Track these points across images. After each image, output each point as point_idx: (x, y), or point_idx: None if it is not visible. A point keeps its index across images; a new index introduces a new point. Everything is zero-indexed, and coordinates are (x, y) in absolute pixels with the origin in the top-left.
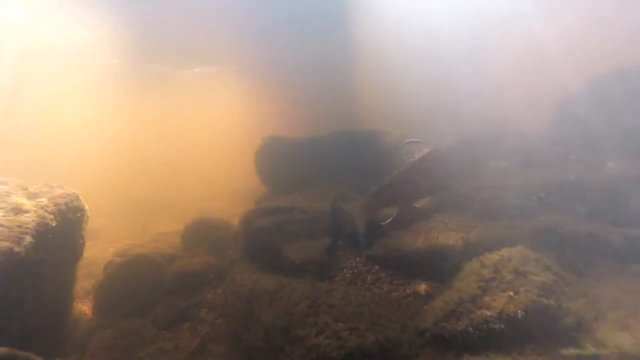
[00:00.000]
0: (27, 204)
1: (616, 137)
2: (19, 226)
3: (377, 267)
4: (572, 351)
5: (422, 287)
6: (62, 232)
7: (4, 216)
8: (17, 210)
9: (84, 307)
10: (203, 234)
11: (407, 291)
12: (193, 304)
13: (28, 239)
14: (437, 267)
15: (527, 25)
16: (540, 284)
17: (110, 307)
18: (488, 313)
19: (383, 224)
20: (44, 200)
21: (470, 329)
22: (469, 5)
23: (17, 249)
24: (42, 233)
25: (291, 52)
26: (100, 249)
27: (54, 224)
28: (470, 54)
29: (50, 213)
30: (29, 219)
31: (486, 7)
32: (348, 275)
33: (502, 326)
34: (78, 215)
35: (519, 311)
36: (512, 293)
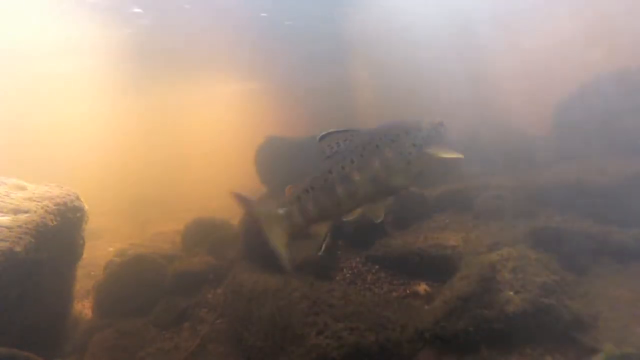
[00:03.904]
0: (26, 204)
1: (616, 137)
2: (19, 226)
3: (377, 267)
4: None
5: (422, 287)
6: (62, 232)
7: (3, 216)
8: (17, 210)
9: (84, 307)
10: (203, 234)
11: (407, 291)
12: (193, 304)
13: (28, 239)
14: (437, 267)
15: (529, 24)
16: (540, 283)
17: (110, 307)
18: (488, 313)
19: (319, 253)
20: (43, 200)
21: (471, 329)
22: (469, 5)
23: (17, 249)
24: (42, 233)
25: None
26: (100, 249)
27: (54, 224)
28: (471, 53)
29: (50, 213)
30: (29, 219)
31: (487, 6)
32: (348, 275)
33: (503, 326)
34: (78, 215)
35: (519, 311)
36: (512, 293)
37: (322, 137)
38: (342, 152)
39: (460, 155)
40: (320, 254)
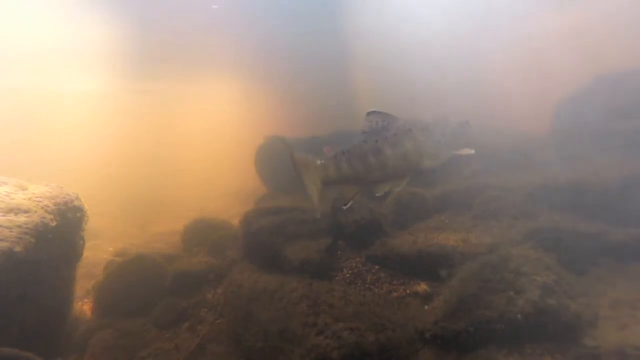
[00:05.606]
0: (27, 204)
1: (615, 137)
2: (19, 226)
3: (377, 267)
4: None
5: (422, 287)
6: (62, 232)
7: (3, 216)
8: (17, 210)
9: (84, 307)
10: (203, 234)
11: (407, 291)
12: (193, 304)
13: (28, 239)
14: (437, 267)
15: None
16: (540, 283)
17: (110, 307)
18: (488, 313)
19: (344, 207)
20: (44, 200)
21: (471, 329)
22: (468, 5)
23: (17, 249)
24: (42, 233)
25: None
26: (100, 249)
27: (54, 224)
28: (471, 53)
29: (50, 213)
30: (29, 219)
31: (487, 5)
32: (348, 275)
33: (503, 326)
34: (78, 215)
35: (520, 311)
36: (512, 293)
37: (368, 114)
38: (379, 130)
39: (472, 151)
40: (344, 207)
